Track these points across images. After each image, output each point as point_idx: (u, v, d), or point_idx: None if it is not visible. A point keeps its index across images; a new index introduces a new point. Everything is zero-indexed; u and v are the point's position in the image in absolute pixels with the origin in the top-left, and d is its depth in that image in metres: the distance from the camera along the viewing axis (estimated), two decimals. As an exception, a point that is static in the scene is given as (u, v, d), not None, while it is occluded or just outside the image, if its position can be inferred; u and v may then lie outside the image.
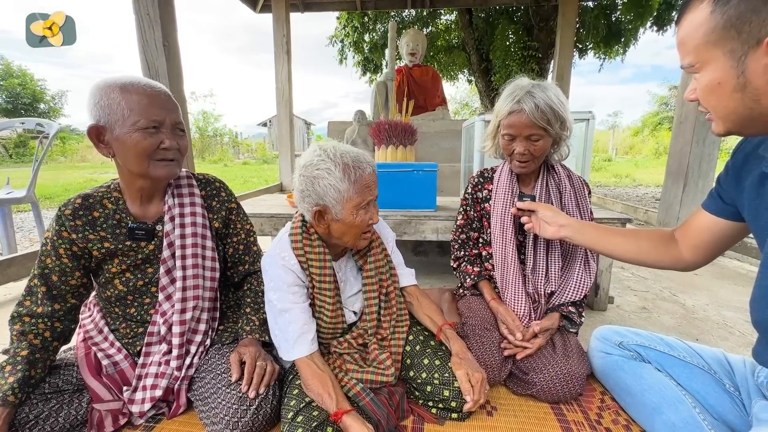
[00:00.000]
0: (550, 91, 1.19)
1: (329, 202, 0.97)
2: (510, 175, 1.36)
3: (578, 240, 1.16)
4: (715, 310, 1.93)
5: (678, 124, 3.05)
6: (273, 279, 1.08)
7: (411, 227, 1.89)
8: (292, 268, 1.07)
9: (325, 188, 0.95)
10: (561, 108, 1.19)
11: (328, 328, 1.13)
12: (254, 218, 1.91)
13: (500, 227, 1.33)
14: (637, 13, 5.85)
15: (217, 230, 1.20)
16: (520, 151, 1.24)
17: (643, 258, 1.09)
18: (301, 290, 1.09)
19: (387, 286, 1.20)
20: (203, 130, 23.03)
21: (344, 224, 1.00)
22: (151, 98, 0.96)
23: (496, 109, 1.29)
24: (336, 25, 8.15)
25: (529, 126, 1.19)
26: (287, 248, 1.09)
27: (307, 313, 1.09)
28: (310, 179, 0.97)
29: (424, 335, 1.21)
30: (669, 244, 1.05)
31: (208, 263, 1.15)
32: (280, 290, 1.07)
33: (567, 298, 1.28)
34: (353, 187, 0.96)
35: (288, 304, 1.06)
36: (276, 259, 1.08)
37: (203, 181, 1.21)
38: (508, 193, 1.35)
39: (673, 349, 1.11)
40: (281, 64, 5.23)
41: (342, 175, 0.95)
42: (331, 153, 0.97)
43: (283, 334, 1.06)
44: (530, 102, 1.17)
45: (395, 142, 2.69)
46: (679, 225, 1.06)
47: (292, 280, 1.08)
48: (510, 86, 1.26)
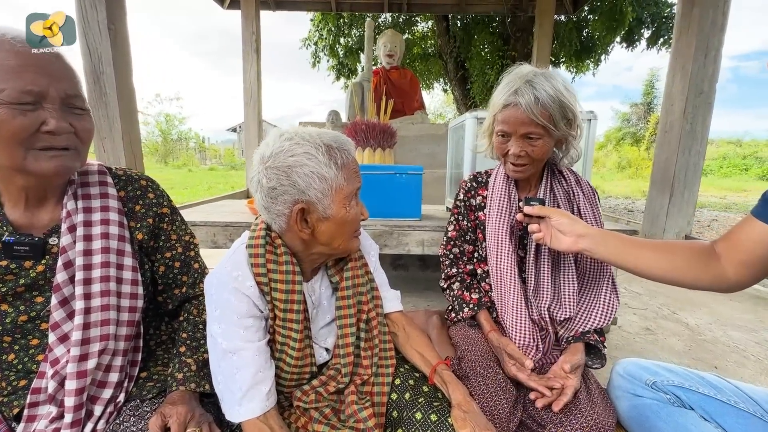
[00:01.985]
0: (556, 80, 0.98)
1: (314, 196, 0.75)
2: (506, 179, 1.14)
3: (599, 253, 0.94)
4: (721, 329, 1.78)
5: (663, 133, 2.98)
6: (219, 307, 0.80)
7: (393, 239, 1.65)
8: (246, 293, 0.80)
9: (306, 178, 0.74)
10: (569, 101, 0.98)
11: (292, 372, 0.85)
12: (206, 228, 1.60)
13: (495, 240, 1.11)
14: (610, 27, 5.96)
15: (141, 243, 0.90)
16: (514, 152, 1.02)
17: (678, 276, 0.89)
18: (257, 323, 0.82)
19: (368, 311, 0.94)
20: (166, 134, 21.97)
21: (335, 223, 0.79)
22: (23, 59, 0.66)
23: (491, 102, 1.07)
24: (310, 27, 7.90)
25: (525, 123, 0.97)
26: (242, 266, 0.82)
27: (264, 356, 0.81)
28: (283, 171, 0.74)
29: (414, 378, 0.95)
30: (708, 260, 0.85)
31: (126, 289, 0.85)
32: (227, 323, 0.79)
33: (593, 324, 1.05)
34: (342, 172, 0.76)
35: (237, 343, 0.78)
36: (225, 280, 0.80)
37: (123, 179, 0.91)
38: (504, 199, 1.12)
39: (719, 392, 0.90)
40: (250, 63, 4.93)
41: (327, 159, 0.75)
42: (306, 135, 0.76)
43: (227, 384, 0.78)
44: (529, 94, 0.95)
45: (373, 144, 2.45)
46: (720, 237, 0.86)
47: (246, 309, 0.80)
48: (509, 74, 1.05)
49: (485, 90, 7.00)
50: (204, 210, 2.03)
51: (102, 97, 2.55)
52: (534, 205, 1.00)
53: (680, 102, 2.81)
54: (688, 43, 2.76)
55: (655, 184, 2.99)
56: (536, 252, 1.09)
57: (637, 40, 6.90)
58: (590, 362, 1.07)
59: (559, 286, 1.10)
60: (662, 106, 3.05)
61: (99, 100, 2.55)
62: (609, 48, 7.25)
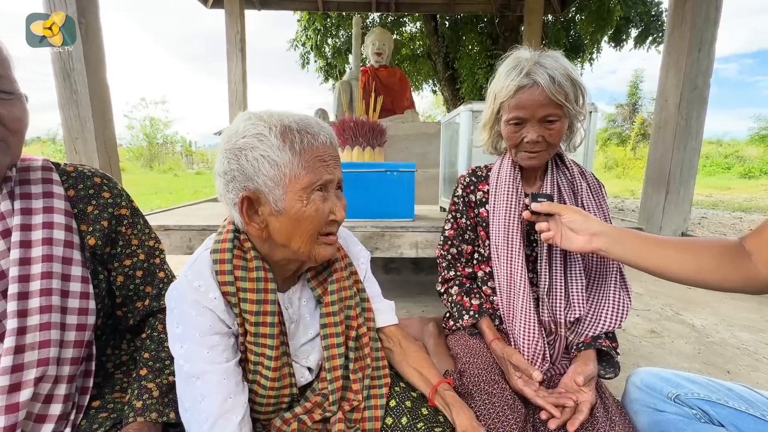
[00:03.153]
0: (561, 58, 0.92)
1: (263, 184, 0.64)
2: (513, 171, 1.05)
3: (616, 253, 0.84)
4: (728, 331, 1.71)
5: (657, 129, 2.93)
6: (181, 323, 0.69)
7: (384, 241, 1.54)
8: (209, 306, 0.68)
9: (255, 162, 0.64)
10: (578, 77, 0.92)
11: (268, 396, 0.74)
12: (181, 232, 1.47)
13: (504, 237, 1.01)
14: (598, 25, 5.96)
15: (95, 250, 0.78)
16: (532, 138, 0.93)
17: (706, 277, 0.79)
18: (224, 342, 0.70)
19: (357, 326, 0.83)
20: (151, 137, 21.53)
21: (289, 219, 0.66)
22: None
23: (493, 90, 0.98)
24: (297, 27, 7.77)
25: (545, 104, 0.89)
26: (205, 274, 0.69)
27: (233, 379, 0.69)
28: (234, 153, 0.65)
29: (411, 398, 0.84)
30: (738, 259, 0.76)
31: (74, 303, 0.72)
32: (189, 341, 0.67)
33: (603, 327, 0.95)
34: (299, 158, 0.64)
35: (201, 365, 0.67)
36: (185, 291, 0.68)
37: (73, 176, 0.78)
38: (511, 192, 1.03)
39: (751, 405, 0.80)
40: (235, 63, 4.79)
41: (280, 141, 0.64)
42: (264, 115, 0.66)
43: (194, 414, 0.66)
44: (544, 73, 0.88)
45: (362, 142, 2.34)
46: (750, 233, 0.77)
47: (209, 325, 0.68)
48: (508, 61, 0.96)
49: (475, 90, 6.96)
50: (180, 213, 1.89)
51: (73, 96, 2.40)
52: (542, 202, 0.89)
53: (674, 97, 2.76)
54: (681, 37, 2.73)
55: (650, 182, 2.94)
56: (549, 248, 0.99)
57: (625, 39, 6.93)
58: (602, 371, 0.97)
59: (568, 284, 1.01)
60: (656, 102, 3.01)
61: (69, 98, 2.40)
62: (597, 48, 7.27)
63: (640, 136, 19.43)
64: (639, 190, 9.68)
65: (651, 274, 0.84)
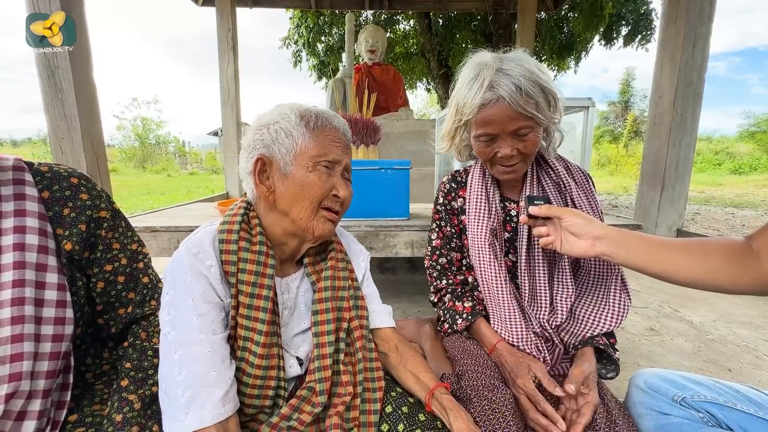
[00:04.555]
0: (526, 60, 0.85)
1: (277, 151, 0.73)
2: (483, 177, 1.01)
3: (620, 257, 0.81)
4: (727, 327, 1.69)
5: (652, 125, 2.92)
6: (172, 288, 0.68)
7: (379, 241, 1.50)
8: (205, 273, 0.68)
9: (275, 134, 0.73)
10: (547, 81, 0.85)
11: (255, 377, 0.70)
12: (168, 234, 1.42)
13: (476, 247, 0.97)
14: (591, 23, 5.95)
15: (72, 255, 0.73)
16: (505, 153, 0.87)
17: (716, 281, 0.75)
18: (214, 313, 0.68)
19: (350, 319, 0.81)
20: (143, 138, 21.29)
21: (294, 183, 0.72)
22: None
23: (456, 101, 0.91)
24: (289, 25, 7.69)
25: (513, 118, 0.83)
26: (205, 244, 0.72)
27: (219, 353, 0.66)
28: (258, 129, 0.76)
29: (408, 404, 0.80)
30: (746, 259, 0.72)
31: (49, 313, 0.68)
32: (178, 307, 0.66)
33: (603, 328, 0.92)
34: (311, 134, 0.73)
35: (189, 332, 0.65)
36: (182, 257, 0.69)
37: (48, 177, 0.73)
38: (481, 200, 0.99)
39: (761, 408, 0.77)
40: (226, 62, 4.72)
41: (298, 119, 0.74)
42: (291, 103, 0.77)
43: (172, 391, 0.63)
44: (507, 84, 0.81)
45: (356, 140, 2.31)
46: (756, 232, 0.74)
47: (202, 291, 0.68)
48: (468, 66, 0.89)
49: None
50: (167, 214, 1.84)
51: (58, 94, 2.33)
52: (539, 205, 0.85)
53: (669, 93, 2.75)
54: (676, 32, 2.71)
55: (645, 178, 2.93)
56: (528, 256, 0.96)
57: (616, 37, 6.94)
58: (603, 370, 0.94)
59: (553, 292, 0.97)
60: (650, 98, 2.99)
61: (54, 97, 2.33)
62: (589, 46, 7.28)
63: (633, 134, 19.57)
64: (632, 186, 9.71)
65: (656, 278, 0.80)
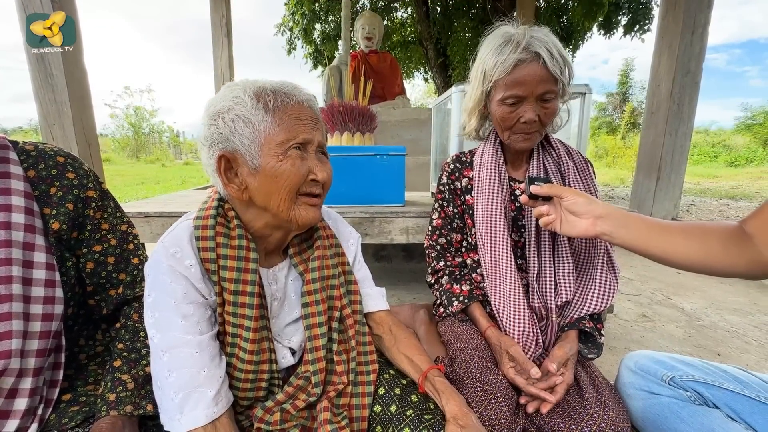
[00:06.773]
0: (551, 34, 0.87)
1: (239, 143, 0.65)
2: (495, 155, 1.01)
3: (620, 238, 0.80)
4: (718, 314, 1.71)
5: (649, 114, 2.91)
6: (153, 290, 0.66)
7: (374, 227, 1.50)
8: (184, 273, 0.66)
9: (231, 123, 0.65)
10: (568, 56, 0.88)
11: (246, 371, 0.70)
12: (161, 219, 1.41)
13: (488, 224, 0.97)
14: (589, 12, 5.90)
15: (60, 234, 0.72)
16: (530, 117, 0.88)
17: (714, 263, 0.75)
18: (199, 312, 0.67)
19: (341, 307, 0.80)
20: (137, 127, 21.02)
21: (266, 176, 0.66)
22: None
23: (482, 69, 0.92)
24: (284, 12, 7.57)
25: (545, 80, 0.85)
26: (182, 241, 0.67)
27: (208, 352, 0.66)
28: (212, 118, 0.66)
29: (400, 386, 0.81)
30: (741, 243, 0.72)
31: (38, 292, 0.67)
32: (161, 309, 0.65)
33: (589, 308, 0.93)
34: (272, 116, 0.65)
35: (174, 335, 0.64)
36: (160, 258, 0.66)
37: (33, 155, 0.72)
38: (494, 177, 0.99)
39: (746, 387, 0.79)
40: (220, 49, 4.66)
41: (254, 101, 0.65)
42: (242, 82, 0.67)
43: (164, 390, 0.63)
44: (543, 45, 0.83)
45: (351, 128, 2.28)
46: (749, 216, 0.74)
47: (184, 293, 0.66)
48: (493, 36, 0.90)
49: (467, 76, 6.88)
50: (160, 200, 1.83)
51: (48, 79, 2.29)
52: (541, 185, 0.84)
53: (667, 82, 2.74)
54: (674, 20, 2.69)
55: (641, 168, 2.93)
56: (536, 234, 0.96)
57: (615, 26, 6.89)
58: (586, 350, 0.95)
59: (556, 269, 0.98)
60: (648, 87, 2.98)
61: (44, 82, 2.29)
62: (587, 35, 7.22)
63: (630, 125, 19.55)
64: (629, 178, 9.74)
65: (655, 260, 0.80)
